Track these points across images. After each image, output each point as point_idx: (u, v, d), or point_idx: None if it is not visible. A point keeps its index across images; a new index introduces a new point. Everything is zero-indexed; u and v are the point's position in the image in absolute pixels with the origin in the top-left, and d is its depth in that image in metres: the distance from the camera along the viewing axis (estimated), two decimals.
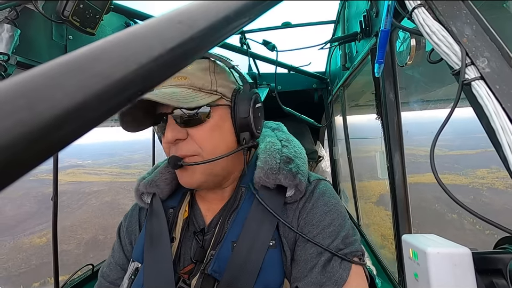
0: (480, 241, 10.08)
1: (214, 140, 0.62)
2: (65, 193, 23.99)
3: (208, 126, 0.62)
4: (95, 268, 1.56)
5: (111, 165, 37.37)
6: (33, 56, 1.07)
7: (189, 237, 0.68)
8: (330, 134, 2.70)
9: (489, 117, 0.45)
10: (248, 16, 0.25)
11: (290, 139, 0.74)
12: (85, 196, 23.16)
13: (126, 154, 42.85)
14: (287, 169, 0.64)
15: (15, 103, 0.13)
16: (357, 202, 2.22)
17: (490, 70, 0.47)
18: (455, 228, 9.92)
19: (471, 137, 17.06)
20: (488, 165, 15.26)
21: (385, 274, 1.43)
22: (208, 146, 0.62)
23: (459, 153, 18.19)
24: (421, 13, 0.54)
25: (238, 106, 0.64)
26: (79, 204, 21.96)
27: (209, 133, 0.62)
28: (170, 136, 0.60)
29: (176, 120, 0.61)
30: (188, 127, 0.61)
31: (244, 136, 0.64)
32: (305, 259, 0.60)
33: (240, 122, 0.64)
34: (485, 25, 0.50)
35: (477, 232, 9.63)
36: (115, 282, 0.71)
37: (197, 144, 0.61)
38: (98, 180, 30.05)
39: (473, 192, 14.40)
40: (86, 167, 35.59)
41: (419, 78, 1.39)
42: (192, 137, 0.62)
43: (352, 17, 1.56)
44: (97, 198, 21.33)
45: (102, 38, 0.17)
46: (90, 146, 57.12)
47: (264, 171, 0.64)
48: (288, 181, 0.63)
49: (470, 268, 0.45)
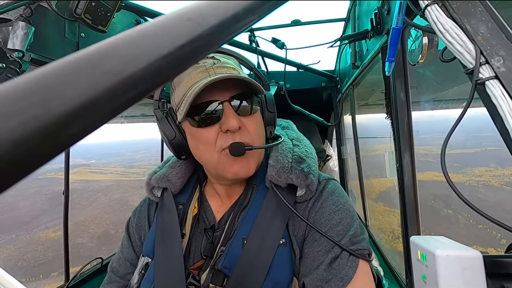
0: (472, 235, 10.74)
1: (260, 130, 0.66)
2: (74, 191, 25.49)
3: (257, 116, 0.66)
4: (104, 262, 1.59)
5: (116, 164, 38.82)
6: (47, 53, 1.09)
7: (199, 233, 0.69)
8: (339, 133, 2.67)
9: (504, 117, 0.43)
10: (258, 14, 0.25)
11: (301, 138, 0.75)
12: (94, 193, 24.23)
13: (129, 154, 44.13)
14: (299, 169, 0.64)
15: (29, 99, 0.13)
16: (364, 202, 2.20)
17: (506, 69, 0.45)
18: (450, 222, 10.14)
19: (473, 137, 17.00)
20: (487, 164, 15.26)
21: (392, 276, 1.41)
22: (258, 136, 0.64)
23: (459, 152, 18.13)
24: (434, 10, 0.53)
25: (267, 101, 0.68)
26: (89, 201, 23.77)
27: (258, 123, 0.65)
28: (236, 123, 0.59)
29: (234, 109, 0.62)
30: (243, 116, 0.63)
31: (270, 129, 0.69)
32: (313, 256, 0.60)
33: (268, 117, 0.68)
34: (501, 23, 0.48)
35: (470, 226, 10.33)
36: (125, 277, 0.72)
37: (250, 133, 0.62)
38: (105, 179, 31.19)
39: (469, 189, 14.56)
40: (92, 166, 37.07)
41: (431, 77, 1.36)
42: (246, 126, 0.62)
43: (363, 14, 1.54)
44: (106, 195, 22.45)
45: (113, 36, 0.17)
46: (93, 146, 58.69)
47: (276, 169, 0.64)
48: (300, 180, 0.63)
49: (480, 271, 0.44)
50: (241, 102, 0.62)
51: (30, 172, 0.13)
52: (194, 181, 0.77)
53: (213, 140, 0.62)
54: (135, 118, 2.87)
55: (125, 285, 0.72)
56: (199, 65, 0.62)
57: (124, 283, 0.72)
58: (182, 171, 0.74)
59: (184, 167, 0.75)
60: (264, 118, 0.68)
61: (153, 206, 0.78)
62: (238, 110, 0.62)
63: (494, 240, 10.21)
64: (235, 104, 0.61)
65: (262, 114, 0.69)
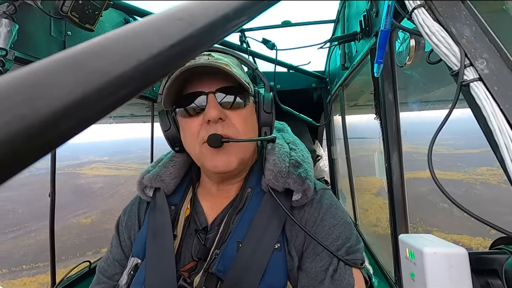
0: (465, 226, 11.80)
1: (249, 126, 0.66)
2: (95, 184, 29.13)
3: (246, 111, 0.65)
4: (92, 265, 1.56)
5: (129, 161, 40.70)
6: (32, 51, 1.06)
7: (190, 235, 0.68)
8: (329, 134, 2.70)
9: (487, 118, 0.45)
10: (248, 15, 0.25)
11: (297, 142, 0.76)
12: (114, 186, 26.17)
13: (139, 152, 45.35)
14: (296, 173, 0.64)
15: (13, 98, 0.13)
16: (354, 202, 2.23)
17: (489, 71, 0.47)
18: (445, 215, 10.85)
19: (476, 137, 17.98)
20: (491, 163, 16.20)
21: (381, 274, 1.44)
22: (244, 130, 0.64)
23: (464, 152, 19.06)
24: (420, 13, 0.54)
25: (263, 102, 0.69)
26: (110, 193, 26.70)
27: (246, 118, 0.65)
28: (215, 114, 0.60)
29: (218, 101, 0.62)
30: (228, 109, 0.63)
31: (265, 130, 0.69)
32: (316, 271, 0.61)
33: (264, 117, 0.68)
34: (485, 27, 0.50)
35: (464, 218, 10.95)
36: (113, 278, 0.71)
37: (235, 126, 0.63)
38: (120, 174, 32.58)
39: (466, 185, 15.41)
40: (107, 163, 38.19)
41: (418, 78, 1.39)
42: (231, 119, 0.63)
43: (352, 16, 1.56)
44: (126, 188, 25.97)
45: (101, 35, 0.17)
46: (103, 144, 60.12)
47: (274, 174, 0.64)
48: (297, 185, 0.64)
49: (466, 268, 0.45)
50: (226, 95, 0.63)
51: (15, 172, 0.13)
52: (187, 181, 0.76)
53: (196, 131, 0.63)
54: (124, 118, 2.83)
55: (113, 285, 0.70)
56: (193, 60, 0.63)
57: (112, 284, 0.71)
58: (176, 171, 0.74)
59: (177, 167, 0.74)
60: (260, 118, 0.69)
61: (144, 205, 0.76)
62: (222, 103, 0.63)
63: (484, 231, 11.19)
64: (222, 96, 0.63)
65: (258, 114, 0.69)
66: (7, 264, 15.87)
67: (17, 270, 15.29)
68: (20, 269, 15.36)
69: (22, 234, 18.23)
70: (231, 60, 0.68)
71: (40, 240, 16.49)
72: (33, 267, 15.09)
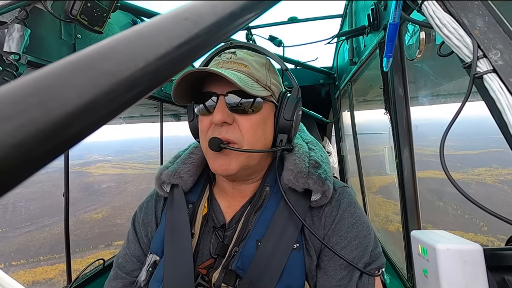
0: (458, 223, 12.31)
1: (258, 133, 0.63)
2: (103, 182, 30.79)
3: (256, 118, 0.63)
4: (106, 263, 1.59)
5: (133, 161, 42.18)
6: (43, 55, 1.08)
7: (208, 232, 0.68)
8: (338, 130, 2.67)
9: (502, 111, 0.43)
10: (254, 12, 0.25)
11: (314, 142, 0.75)
12: (121, 184, 27.76)
13: (142, 152, 46.34)
14: (316, 174, 0.64)
15: (27, 101, 0.13)
16: (364, 198, 2.21)
17: (504, 62, 0.45)
18: (440, 212, 11.33)
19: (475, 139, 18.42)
20: (489, 164, 16.73)
21: (394, 271, 1.42)
22: (251, 137, 0.62)
23: (464, 153, 19.53)
24: (431, 5, 0.53)
25: (284, 107, 0.66)
26: (118, 190, 27.76)
27: (255, 124, 0.63)
28: (220, 117, 0.59)
29: (227, 104, 0.62)
30: (237, 113, 0.62)
31: (282, 138, 0.67)
32: (335, 269, 0.61)
33: (282, 124, 0.66)
34: (498, 17, 0.48)
35: (457, 216, 11.84)
36: (131, 274, 0.72)
37: (241, 132, 0.62)
38: (126, 173, 33.78)
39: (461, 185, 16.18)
40: (112, 162, 39.48)
41: (429, 71, 1.36)
42: (238, 125, 0.62)
43: (359, 10, 1.53)
44: (134, 186, 26.95)
45: (109, 36, 0.17)
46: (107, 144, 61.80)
47: (294, 174, 0.64)
48: (317, 186, 0.63)
49: (481, 264, 0.44)
50: (238, 99, 0.62)
51: (29, 174, 0.13)
52: (204, 179, 0.76)
53: (205, 129, 0.64)
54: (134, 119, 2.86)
55: (131, 281, 0.71)
56: (219, 57, 0.65)
57: (130, 279, 0.72)
58: (194, 168, 0.74)
59: (195, 164, 0.75)
60: (278, 124, 0.66)
61: (161, 201, 0.77)
62: (232, 106, 0.62)
63: (476, 228, 11.88)
64: (232, 99, 0.62)
65: (277, 120, 0.67)
66: (25, 255, 16.75)
67: (35, 261, 16.18)
68: (37, 259, 16.25)
69: (36, 229, 19.28)
70: (256, 59, 0.66)
71: (55, 233, 17.53)
72: (50, 258, 16.02)
